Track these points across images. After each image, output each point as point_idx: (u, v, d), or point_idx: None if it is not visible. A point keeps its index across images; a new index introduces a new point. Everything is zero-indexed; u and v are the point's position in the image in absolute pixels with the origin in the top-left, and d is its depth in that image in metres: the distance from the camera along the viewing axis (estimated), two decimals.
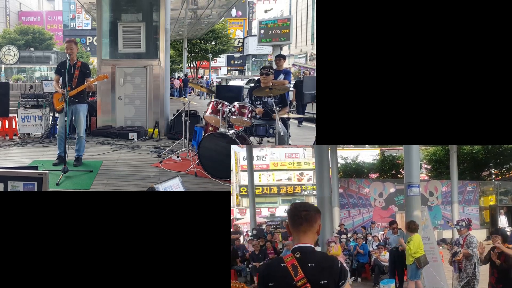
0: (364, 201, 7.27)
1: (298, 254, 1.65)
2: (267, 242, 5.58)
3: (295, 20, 38.54)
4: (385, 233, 5.57)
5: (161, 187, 2.62)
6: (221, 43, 36.57)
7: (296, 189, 10.70)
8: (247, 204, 9.47)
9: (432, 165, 8.11)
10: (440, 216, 7.19)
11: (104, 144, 7.90)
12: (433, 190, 7.25)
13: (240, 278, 5.39)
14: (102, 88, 9.19)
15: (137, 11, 9.61)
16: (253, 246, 5.59)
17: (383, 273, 5.03)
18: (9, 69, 46.12)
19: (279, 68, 7.36)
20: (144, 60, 9.22)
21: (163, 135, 8.91)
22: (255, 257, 5.40)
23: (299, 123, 11.69)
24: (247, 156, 8.71)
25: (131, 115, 9.20)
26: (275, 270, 1.65)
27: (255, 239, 5.78)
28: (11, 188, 2.09)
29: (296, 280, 1.60)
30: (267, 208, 10.48)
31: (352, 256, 5.40)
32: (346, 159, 8.35)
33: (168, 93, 9.70)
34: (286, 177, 10.83)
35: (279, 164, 10.87)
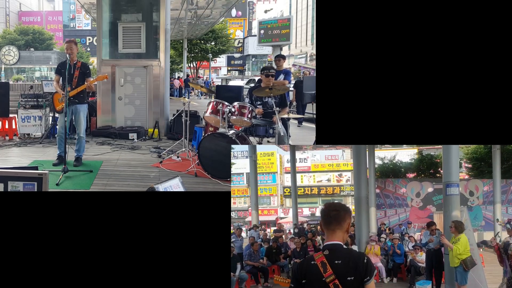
0: (401, 201, 7.19)
1: (327, 252, 1.72)
2: (308, 240, 5.84)
3: (295, 20, 38.57)
4: (422, 233, 5.51)
5: (161, 187, 2.62)
6: (221, 43, 36.54)
7: (335, 189, 11.12)
8: (290, 204, 10.02)
9: (472, 163, 7.90)
10: (481, 217, 6.98)
11: (104, 144, 7.90)
12: (473, 189, 7.05)
13: (282, 274, 5.58)
14: (102, 88, 9.19)
15: (137, 11, 9.60)
16: (295, 243, 5.88)
17: (419, 274, 4.99)
18: (9, 69, 46.10)
19: (279, 68, 7.36)
20: (144, 60, 9.22)
21: (163, 135, 8.91)
22: (296, 254, 5.69)
23: (299, 123, 11.69)
24: (290, 159, 8.97)
25: (131, 115, 9.20)
26: (307, 268, 1.73)
27: (296, 237, 6.10)
28: (11, 188, 2.09)
29: (326, 277, 1.66)
30: (308, 208, 10.96)
31: (388, 256, 5.40)
32: (384, 159, 8.36)
33: (168, 93, 9.70)
34: (326, 178, 11.29)
35: (319, 165, 11.34)
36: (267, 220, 10.35)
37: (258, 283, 5.22)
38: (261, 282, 5.23)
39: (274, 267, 5.53)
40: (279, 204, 11.06)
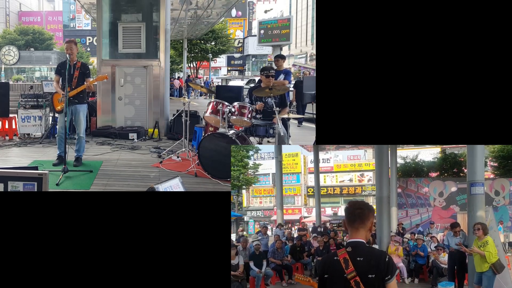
0: (423, 200, 7.05)
1: (350, 248, 1.74)
2: (330, 239, 6.00)
3: (295, 20, 38.57)
4: (445, 234, 5.46)
5: (161, 187, 2.62)
6: (221, 43, 36.54)
7: (357, 189, 11.16)
8: (313, 203, 10.26)
9: (499, 162, 7.67)
10: (507, 218, 6.72)
11: (104, 144, 7.90)
12: (499, 189, 6.75)
13: (306, 272, 5.70)
14: (102, 88, 9.19)
15: (137, 11, 9.61)
16: (318, 242, 6.04)
17: (441, 275, 4.94)
18: (9, 69, 46.13)
19: (279, 68, 7.36)
20: (144, 60, 9.22)
21: (163, 135, 8.92)
22: (319, 252, 5.84)
23: (299, 123, 11.70)
24: (314, 160, 9.13)
25: (131, 115, 9.20)
26: (329, 263, 1.76)
27: (319, 236, 6.25)
28: (11, 188, 2.09)
29: (347, 273, 1.68)
30: (331, 207, 11.08)
31: (410, 256, 5.39)
32: (406, 158, 8.24)
33: (168, 93, 9.71)
34: (348, 178, 11.35)
35: (342, 166, 11.43)
36: (291, 219, 10.42)
37: (282, 280, 5.35)
38: (285, 279, 5.37)
39: (298, 265, 5.63)
40: (302, 203, 11.28)
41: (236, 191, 11.27)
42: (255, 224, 10.40)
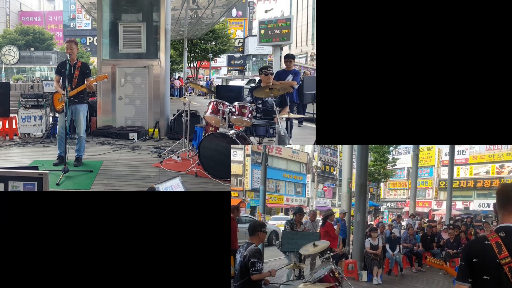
0: None
1: (503, 233, 1.65)
2: (461, 232, 6.23)
3: (295, 20, 38.48)
4: None
5: (162, 187, 2.62)
6: (222, 43, 36.54)
7: (493, 182, 10.45)
8: (444, 197, 10.30)
9: None
10: None
11: (104, 144, 7.90)
12: None
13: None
14: (103, 88, 9.19)
15: (137, 11, 9.61)
16: (448, 234, 6.29)
17: None
18: (10, 69, 46.16)
19: (288, 68, 7.31)
20: (144, 60, 9.22)
21: (164, 135, 8.92)
22: (449, 244, 6.10)
23: (299, 123, 11.69)
24: (449, 153, 9.13)
25: (131, 115, 9.20)
26: (479, 247, 1.67)
27: (451, 228, 6.51)
28: (11, 188, 2.09)
29: (500, 258, 1.60)
30: (462, 201, 10.87)
31: None
32: None
33: (168, 93, 9.70)
34: (484, 171, 10.74)
35: (478, 157, 10.84)
36: (420, 211, 10.29)
37: (412, 266, 5.78)
38: (414, 266, 5.80)
39: (427, 254, 5.80)
40: (433, 196, 11.26)
41: (376, 183, 11.39)
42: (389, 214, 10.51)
